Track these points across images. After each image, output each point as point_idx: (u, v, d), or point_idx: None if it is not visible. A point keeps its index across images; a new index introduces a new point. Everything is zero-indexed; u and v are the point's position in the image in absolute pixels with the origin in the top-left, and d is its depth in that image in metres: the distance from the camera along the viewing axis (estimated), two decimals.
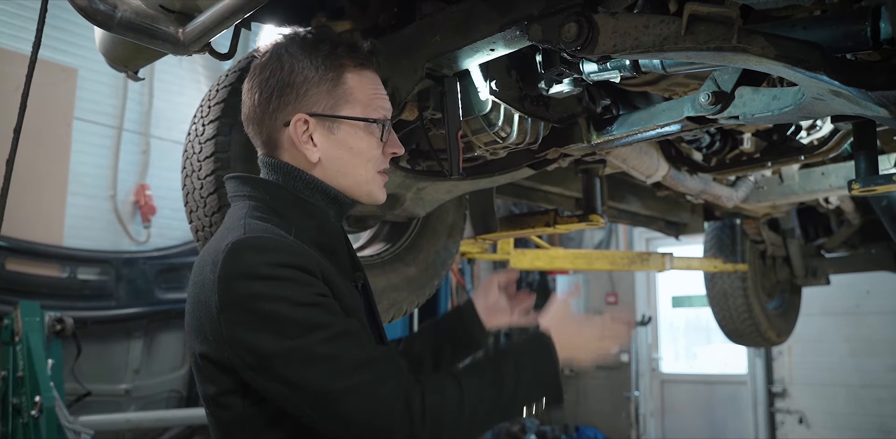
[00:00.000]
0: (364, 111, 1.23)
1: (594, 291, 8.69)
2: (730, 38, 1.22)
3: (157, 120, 5.13)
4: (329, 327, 1.05)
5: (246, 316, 1.04)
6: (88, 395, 3.87)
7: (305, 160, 1.21)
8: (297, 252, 1.10)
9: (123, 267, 4.50)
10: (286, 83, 1.19)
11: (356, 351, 1.06)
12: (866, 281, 6.21)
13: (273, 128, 1.22)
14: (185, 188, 2.18)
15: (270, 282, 1.05)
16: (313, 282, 1.08)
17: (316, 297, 1.07)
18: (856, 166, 2.13)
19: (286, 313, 1.03)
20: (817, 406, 6.80)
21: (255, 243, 1.09)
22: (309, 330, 1.03)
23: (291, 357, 1.02)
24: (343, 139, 1.22)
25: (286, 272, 1.06)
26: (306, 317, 1.04)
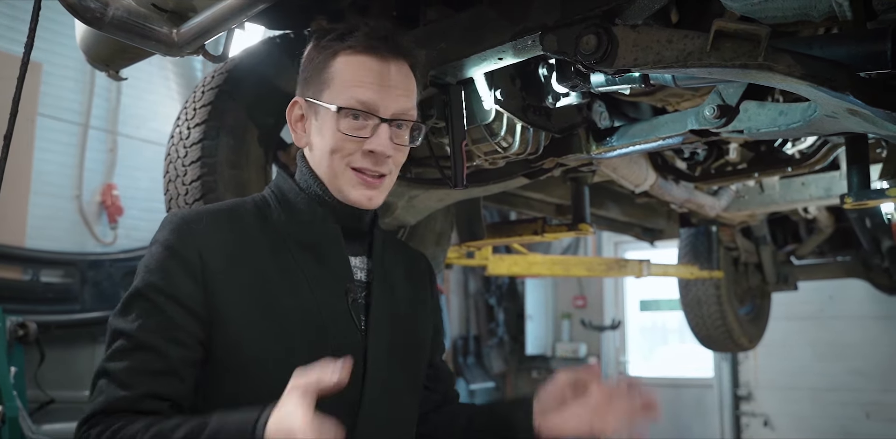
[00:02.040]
0: (335, 96, 1.12)
1: (562, 294, 8.72)
2: (756, 55, 1.19)
3: (125, 117, 4.97)
4: (126, 321, 1.05)
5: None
6: (52, 403, 3.73)
7: (302, 146, 1.21)
8: (187, 233, 1.11)
9: (89, 269, 4.35)
10: (303, 68, 1.19)
11: (126, 360, 1.03)
12: (830, 286, 6.34)
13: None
14: (168, 193, 2.11)
15: (151, 261, 1.10)
16: (169, 281, 1.07)
17: (156, 291, 1.06)
18: (848, 180, 2.13)
19: (130, 292, 1.08)
20: (782, 409, 6.91)
21: (172, 220, 1.13)
22: (120, 315, 1.07)
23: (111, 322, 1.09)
24: (321, 126, 1.15)
25: (163, 258, 1.09)
26: (132, 303, 1.06)
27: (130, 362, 1.02)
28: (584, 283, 8.54)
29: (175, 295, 1.05)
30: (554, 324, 8.65)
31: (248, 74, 2.07)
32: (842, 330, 6.65)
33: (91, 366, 4.42)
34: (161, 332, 1.04)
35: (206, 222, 1.12)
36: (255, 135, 2.06)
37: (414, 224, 2.45)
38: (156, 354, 1.03)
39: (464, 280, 8.30)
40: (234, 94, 2.04)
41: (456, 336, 7.97)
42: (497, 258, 4.02)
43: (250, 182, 2.03)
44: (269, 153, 2.12)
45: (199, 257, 1.08)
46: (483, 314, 8.43)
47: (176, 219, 1.13)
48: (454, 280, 8.04)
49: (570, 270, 4.13)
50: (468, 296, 8.31)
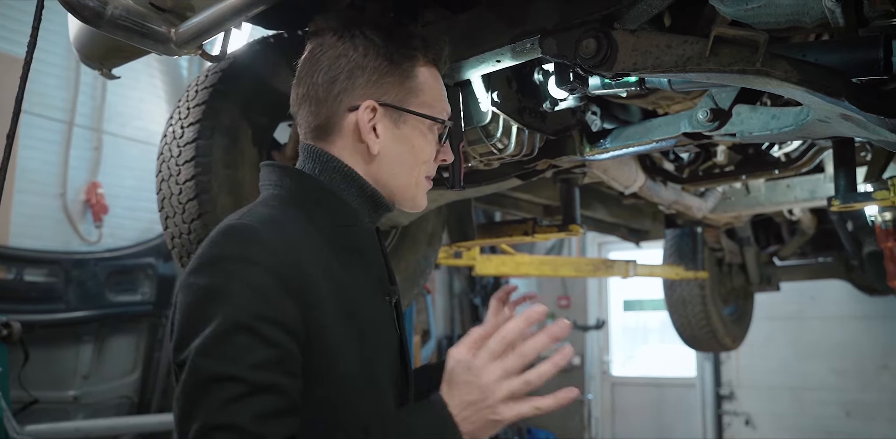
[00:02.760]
0: (431, 110, 1.15)
1: (547, 294, 8.75)
2: (754, 61, 1.21)
3: (111, 115, 4.93)
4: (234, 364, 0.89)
5: (187, 305, 0.95)
6: (35, 403, 3.69)
7: (360, 152, 1.12)
8: (281, 265, 0.97)
9: (73, 268, 4.30)
10: (358, 65, 1.09)
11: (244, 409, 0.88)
12: (811, 287, 6.42)
13: (334, 112, 1.11)
14: (161, 192, 2.09)
15: (235, 282, 0.93)
16: (273, 309, 0.94)
17: (266, 322, 0.92)
18: (835, 183, 2.17)
19: (223, 326, 0.90)
20: (763, 408, 7.00)
21: (250, 232, 0.98)
22: (217, 356, 0.89)
23: (185, 372, 0.90)
24: (407, 135, 1.13)
25: (260, 279, 0.94)
26: (232, 340, 0.90)
27: (254, 409, 0.87)
28: (568, 284, 8.58)
29: (282, 321, 0.93)
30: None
31: (242, 74, 2.06)
32: (822, 331, 6.75)
33: (75, 366, 4.40)
34: (277, 368, 0.91)
35: (279, 233, 1.00)
36: (249, 134, 2.06)
37: (406, 224, 2.46)
38: (278, 394, 0.90)
39: (449, 280, 8.31)
40: (229, 94, 2.03)
41: (441, 335, 7.98)
42: (485, 258, 4.04)
43: (245, 182, 2.03)
44: (263, 153, 2.11)
45: (292, 272, 0.97)
46: (468, 314, 8.44)
47: (248, 231, 0.99)
48: (439, 280, 8.05)
49: (558, 270, 4.16)
50: (453, 295, 8.32)
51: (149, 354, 4.72)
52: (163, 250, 4.82)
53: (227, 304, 0.91)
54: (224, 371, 0.88)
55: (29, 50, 1.25)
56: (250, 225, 1.00)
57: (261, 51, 2.14)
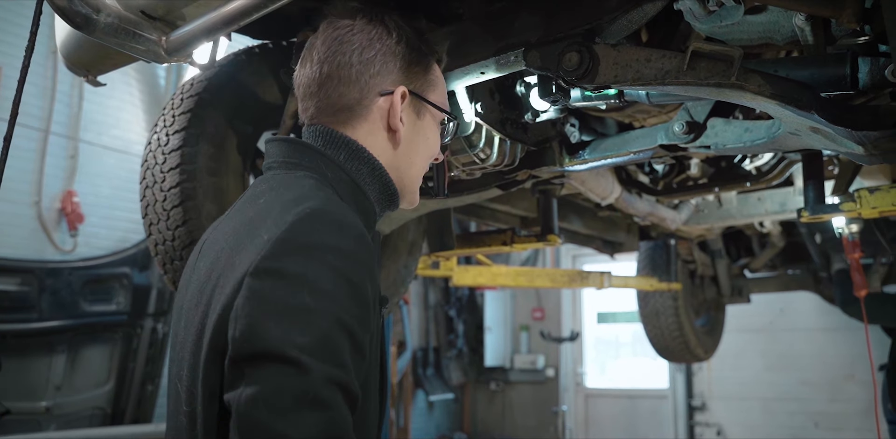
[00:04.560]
0: (443, 103, 1.16)
1: (521, 306, 8.81)
2: (729, 75, 1.27)
3: (87, 123, 4.89)
4: (342, 369, 0.82)
5: (280, 292, 0.83)
6: (7, 414, 3.63)
7: (384, 138, 1.08)
8: (370, 261, 0.90)
9: (47, 277, 4.25)
10: (393, 52, 1.07)
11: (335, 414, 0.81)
12: (780, 299, 6.55)
13: (365, 94, 1.06)
14: (145, 199, 2.10)
15: (336, 276, 0.84)
16: (364, 311, 0.88)
17: (361, 327, 0.86)
18: (805, 195, 2.25)
19: (324, 322, 0.82)
20: (734, 418, 7.09)
21: (342, 221, 0.89)
22: (326, 356, 0.81)
23: (283, 369, 0.79)
24: (424, 126, 1.12)
25: (358, 275, 0.87)
26: (336, 341, 0.82)
27: (346, 415, 0.81)
28: (542, 296, 8.64)
29: (370, 329, 0.89)
30: (512, 336, 8.73)
31: (227, 83, 2.09)
32: (791, 342, 6.88)
33: (47, 376, 4.34)
34: (359, 376, 0.86)
35: (358, 226, 0.93)
36: (234, 142, 2.08)
37: (388, 233, 2.49)
38: (355, 404, 0.85)
39: (423, 291, 8.33)
40: (214, 102, 2.05)
41: (416, 347, 7.99)
42: (462, 269, 4.07)
43: (229, 189, 2.05)
44: (248, 161, 2.14)
45: (372, 262, 0.91)
46: (443, 326, 8.46)
47: (338, 220, 0.90)
48: (414, 291, 8.06)
49: (534, 281, 4.20)
50: (428, 307, 8.34)
51: (123, 365, 4.67)
52: (138, 260, 4.78)
53: (329, 299, 0.83)
54: (337, 376, 0.81)
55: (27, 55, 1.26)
56: (339, 214, 0.91)
57: (246, 60, 2.17)
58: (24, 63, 1.26)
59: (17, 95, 1.23)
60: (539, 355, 8.46)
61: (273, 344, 0.80)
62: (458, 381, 8.53)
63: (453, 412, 8.54)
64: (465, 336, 8.53)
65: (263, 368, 0.80)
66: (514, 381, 8.55)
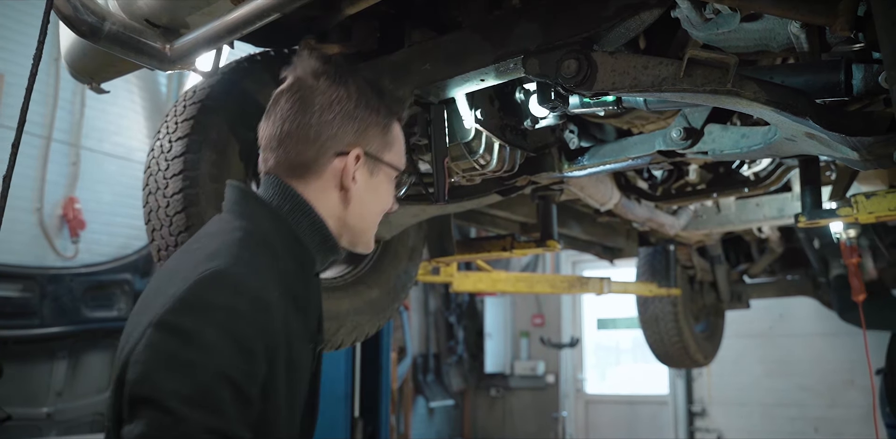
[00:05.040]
0: (399, 162, 1.24)
1: (521, 312, 8.82)
2: (725, 82, 1.29)
3: (88, 130, 4.92)
4: (220, 417, 0.91)
5: (171, 345, 0.93)
6: (9, 419, 3.64)
7: (334, 195, 1.16)
8: (263, 319, 0.99)
9: (48, 283, 4.26)
10: (351, 115, 1.15)
11: None
12: (779, 305, 6.57)
13: (320, 154, 1.14)
14: (148, 205, 2.12)
15: (223, 334, 0.94)
16: (250, 366, 0.95)
17: (246, 380, 0.94)
18: (802, 200, 2.26)
19: (209, 376, 0.91)
20: (734, 424, 7.09)
21: (239, 283, 0.98)
22: (204, 406, 0.90)
23: (163, 417, 0.89)
24: (377, 183, 1.20)
25: (247, 333, 0.96)
26: (216, 392, 0.91)
27: None
28: (542, 302, 8.65)
29: (257, 376, 0.96)
30: (513, 343, 8.73)
31: (230, 90, 2.11)
32: (791, 348, 6.88)
33: (48, 382, 4.35)
34: (248, 422, 0.94)
35: (255, 277, 1.01)
36: (236, 149, 2.10)
37: (388, 239, 2.51)
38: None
39: (424, 298, 8.34)
40: (217, 109, 2.07)
41: (416, 353, 7.99)
42: (462, 275, 4.08)
43: None
44: (250, 168, 2.15)
45: (269, 329, 0.99)
46: (443, 332, 8.46)
47: (237, 282, 0.99)
48: (414, 298, 8.07)
49: (534, 287, 4.21)
50: (428, 313, 8.34)
51: None
52: (139, 266, 4.80)
53: (213, 354, 0.92)
54: (213, 424, 0.89)
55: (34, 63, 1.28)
56: (240, 275, 0.99)
57: (248, 68, 2.19)
58: (31, 71, 1.28)
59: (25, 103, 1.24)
60: (539, 361, 8.46)
61: (157, 393, 0.90)
62: (459, 388, 8.53)
63: (454, 418, 8.53)
64: (466, 342, 8.54)
65: (148, 412, 0.90)
66: (515, 387, 8.55)
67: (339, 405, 4.41)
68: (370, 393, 4.81)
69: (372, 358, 4.93)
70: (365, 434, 4.61)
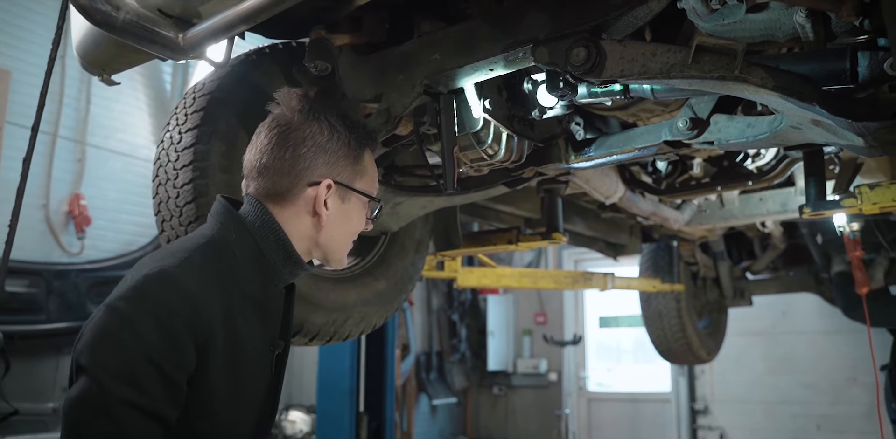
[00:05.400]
0: (369, 188, 1.37)
1: (523, 310, 8.83)
2: (733, 68, 1.31)
3: (94, 127, 4.95)
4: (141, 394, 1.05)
5: (110, 325, 1.08)
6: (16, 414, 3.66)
7: (307, 220, 1.29)
8: (193, 316, 1.12)
9: (55, 279, 4.29)
10: (323, 148, 1.28)
11: None
12: (782, 303, 6.58)
13: (294, 184, 1.27)
14: (157, 196, 2.13)
15: (155, 323, 1.08)
16: (175, 354, 1.09)
17: (170, 365, 1.08)
18: (806, 192, 2.28)
19: (135, 357, 1.05)
20: (737, 422, 7.10)
21: (178, 282, 1.13)
22: (126, 381, 1.04)
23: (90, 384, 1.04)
24: (349, 209, 1.33)
25: (175, 325, 1.09)
26: (141, 370, 1.05)
27: (145, 433, 1.05)
28: (544, 300, 8.67)
29: (182, 363, 1.09)
30: (515, 341, 8.75)
31: (239, 82, 2.13)
32: (793, 346, 6.90)
33: (54, 378, 4.36)
34: (169, 401, 1.08)
35: (199, 278, 1.16)
36: (245, 140, 2.11)
37: (395, 230, 2.52)
38: (164, 424, 1.08)
39: (427, 296, 8.36)
40: (226, 101, 2.09)
41: (419, 351, 8.00)
42: (466, 271, 4.10)
43: (240, 186, 2.08)
44: None
45: (200, 327, 1.12)
46: (446, 330, 8.48)
47: (168, 275, 1.13)
48: (417, 296, 8.09)
49: (538, 283, 4.23)
50: (431, 312, 8.36)
51: None
52: None
53: (141, 340, 1.06)
54: (134, 399, 1.03)
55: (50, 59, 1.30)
56: (180, 277, 1.14)
57: (257, 60, 2.21)
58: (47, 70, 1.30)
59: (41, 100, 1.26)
60: (542, 359, 8.47)
61: (90, 364, 1.05)
62: (461, 385, 8.54)
63: (456, 416, 8.55)
64: (468, 340, 8.55)
65: (82, 380, 1.05)
66: (517, 385, 8.56)
67: (343, 400, 4.43)
68: (375, 388, 4.83)
69: (377, 354, 4.95)
70: (370, 429, 4.62)
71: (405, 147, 2.20)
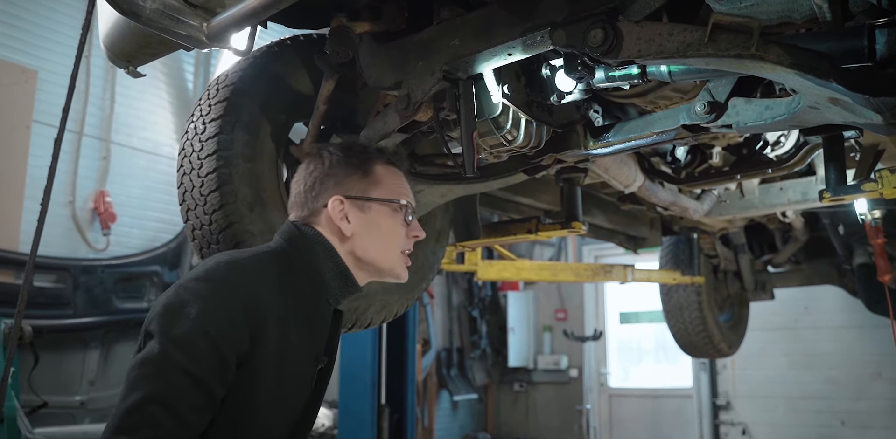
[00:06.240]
0: (390, 195, 1.47)
1: (544, 307, 8.83)
2: (749, 46, 1.32)
3: (118, 126, 5.03)
4: (195, 363, 1.16)
5: (177, 299, 1.22)
6: (45, 406, 3.73)
7: (337, 234, 1.43)
8: (252, 303, 1.24)
9: (81, 274, 4.37)
10: (327, 174, 1.45)
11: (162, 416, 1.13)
12: (804, 297, 6.53)
13: (314, 210, 1.45)
14: (182, 186, 2.18)
15: (217, 302, 1.21)
16: (231, 333, 1.21)
17: (223, 340, 1.19)
18: (826, 177, 2.28)
19: (196, 329, 1.18)
20: (759, 417, 7.05)
21: (242, 267, 1.29)
22: (184, 350, 1.16)
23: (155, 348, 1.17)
24: (373, 218, 1.45)
25: (235, 304, 1.22)
26: (197, 343, 1.17)
27: (191, 400, 1.15)
28: (565, 296, 8.66)
29: (235, 342, 1.20)
30: (535, 337, 8.75)
31: (261, 73, 2.17)
32: (816, 341, 6.84)
33: (81, 371, 4.44)
34: (217, 376, 1.19)
35: (263, 273, 1.30)
36: (268, 130, 2.15)
37: None
38: (210, 396, 1.18)
39: (447, 293, 8.39)
40: (249, 91, 2.13)
41: (440, 348, 8.03)
42: (486, 264, 4.12)
43: (263, 175, 2.12)
44: (281, 148, 2.21)
45: (255, 314, 1.23)
46: (466, 326, 8.50)
47: (238, 263, 1.29)
48: (438, 292, 8.12)
49: (558, 275, 4.24)
50: (451, 308, 8.39)
51: None
52: (168, 258, 4.90)
53: (203, 314, 1.19)
54: (188, 367, 1.15)
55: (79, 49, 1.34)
56: (249, 268, 1.30)
57: (278, 52, 2.25)
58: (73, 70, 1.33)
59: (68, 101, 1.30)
60: (562, 355, 8.47)
61: (156, 331, 1.19)
62: (482, 382, 8.56)
63: (477, 412, 8.56)
64: (489, 336, 8.57)
65: (149, 343, 1.18)
66: (538, 382, 8.56)
67: (365, 392, 4.47)
68: (396, 381, 4.85)
69: (397, 346, 4.98)
70: (391, 421, 4.66)
71: (425, 135, 2.22)
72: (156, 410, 1.12)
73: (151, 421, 1.11)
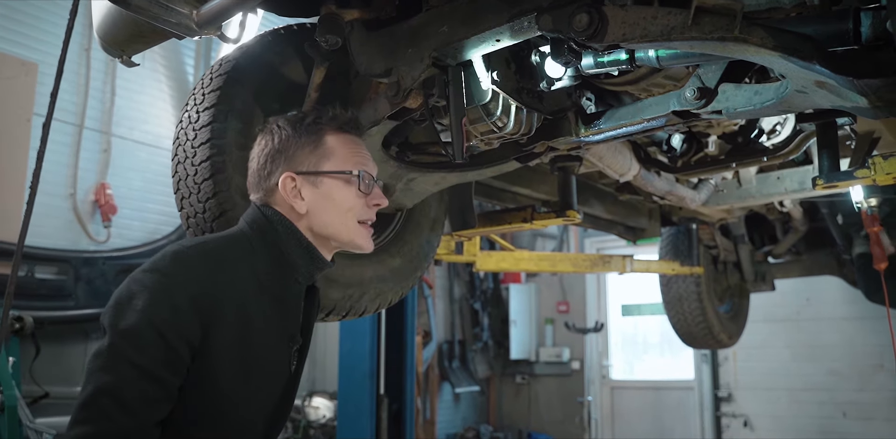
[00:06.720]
0: (343, 165, 1.43)
1: (546, 299, 8.84)
2: (732, 28, 1.33)
3: (119, 118, 5.06)
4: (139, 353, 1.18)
5: (126, 291, 1.24)
6: (46, 397, 3.76)
7: (293, 211, 1.40)
8: (196, 270, 1.26)
9: (82, 266, 4.40)
10: (277, 150, 1.42)
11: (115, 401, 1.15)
12: (806, 289, 6.52)
13: (268, 189, 1.42)
14: (177, 174, 2.19)
15: (163, 293, 1.21)
16: (178, 323, 1.21)
17: (170, 331, 1.20)
18: (819, 164, 2.29)
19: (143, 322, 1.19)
20: (761, 409, 7.05)
21: (186, 259, 1.27)
22: (130, 341, 1.18)
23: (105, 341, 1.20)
24: (326, 192, 1.41)
25: (183, 293, 1.22)
26: (143, 333, 1.18)
27: (140, 391, 1.17)
28: (567, 289, 8.67)
29: (183, 333, 1.21)
30: (537, 329, 8.77)
31: (254, 62, 2.17)
32: (818, 332, 6.83)
33: (83, 362, 4.47)
34: (168, 366, 1.20)
35: (212, 261, 1.29)
36: (261, 118, 2.16)
37: (409, 209, 2.56)
38: (161, 386, 1.19)
39: (448, 285, 8.40)
40: (242, 80, 2.14)
41: (441, 340, 8.05)
42: (485, 254, 4.13)
43: None
44: None
45: (203, 305, 1.23)
46: (468, 319, 8.52)
47: (183, 253, 1.28)
48: (439, 285, 8.13)
49: (557, 266, 4.25)
50: (453, 301, 8.40)
51: None
52: None
53: (149, 307, 1.20)
54: (136, 360, 1.17)
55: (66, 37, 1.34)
56: (193, 257, 1.28)
57: (271, 41, 2.26)
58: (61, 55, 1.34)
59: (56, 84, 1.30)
60: (564, 348, 8.48)
61: (106, 323, 1.21)
62: (484, 374, 8.58)
63: (479, 404, 8.59)
64: (491, 329, 8.59)
65: (104, 337, 1.21)
66: (540, 374, 8.58)
67: (363, 381, 4.48)
68: (395, 370, 4.87)
69: (396, 336, 4.99)
70: (390, 411, 4.68)
71: (417, 123, 2.23)
72: (106, 403, 1.14)
73: (102, 414, 1.13)
